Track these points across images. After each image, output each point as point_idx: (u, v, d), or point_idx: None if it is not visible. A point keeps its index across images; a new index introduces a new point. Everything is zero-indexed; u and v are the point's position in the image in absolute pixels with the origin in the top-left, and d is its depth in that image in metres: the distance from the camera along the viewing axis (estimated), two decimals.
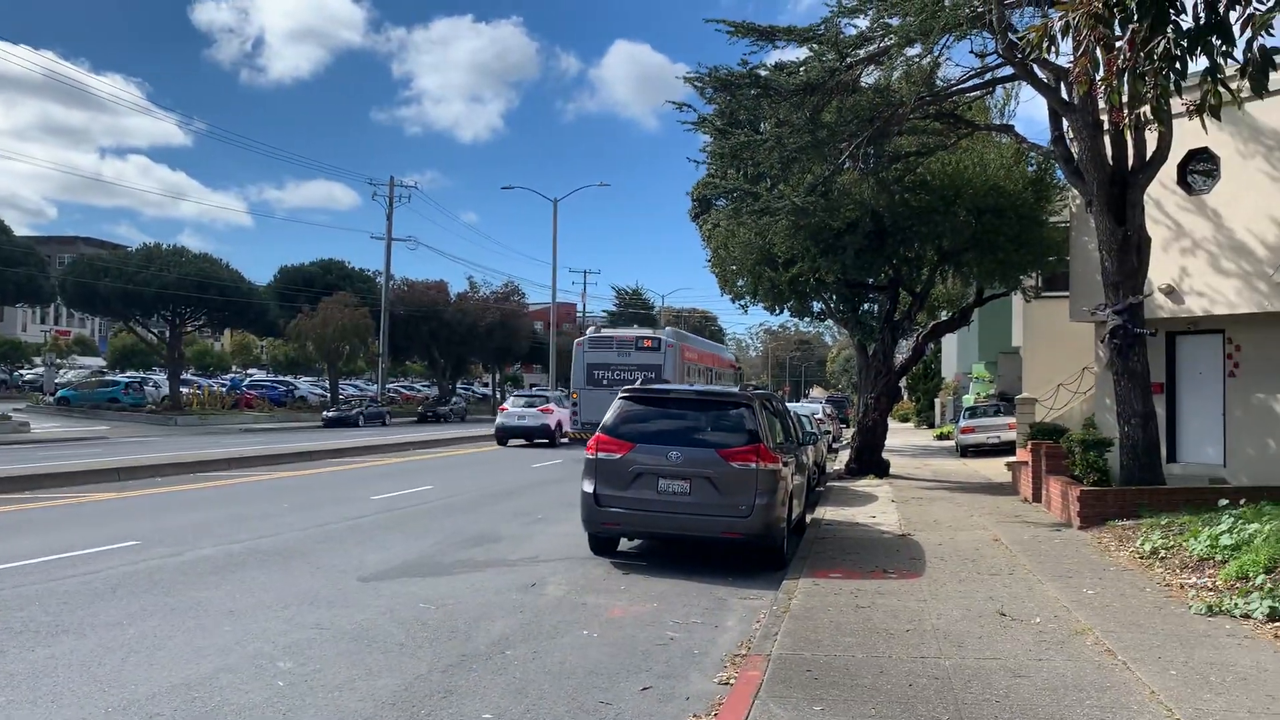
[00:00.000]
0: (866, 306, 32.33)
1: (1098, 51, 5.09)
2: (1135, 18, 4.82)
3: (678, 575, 9.94)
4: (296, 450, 26.44)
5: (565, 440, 32.64)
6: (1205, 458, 15.73)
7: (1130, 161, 13.53)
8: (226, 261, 50.33)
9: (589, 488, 10.37)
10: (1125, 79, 4.93)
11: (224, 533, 12.08)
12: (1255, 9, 4.68)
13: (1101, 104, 13.41)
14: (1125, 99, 5.00)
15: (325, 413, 47.65)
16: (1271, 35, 4.80)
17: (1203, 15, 4.73)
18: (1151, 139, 13.67)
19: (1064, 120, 14.17)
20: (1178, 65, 4.79)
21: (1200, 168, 15.04)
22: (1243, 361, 15.43)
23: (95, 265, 46.87)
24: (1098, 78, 5.19)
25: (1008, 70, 15.20)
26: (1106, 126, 13.37)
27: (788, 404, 20.12)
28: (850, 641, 6.96)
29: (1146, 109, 5.06)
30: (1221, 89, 4.89)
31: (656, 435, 10.37)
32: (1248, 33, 4.69)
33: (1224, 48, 4.72)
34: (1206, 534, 9.98)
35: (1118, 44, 4.98)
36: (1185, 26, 4.79)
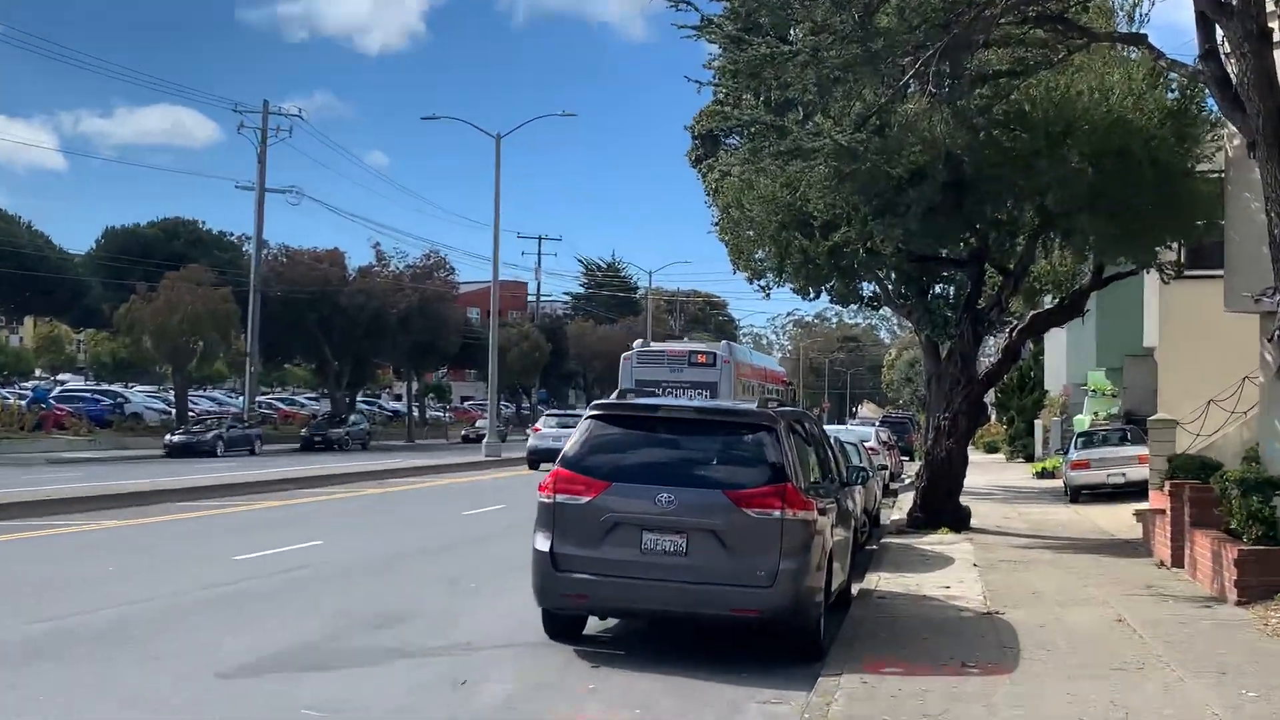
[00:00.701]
0: (939, 289, 32.56)
1: None
2: None
3: (669, 669, 9.94)
4: (126, 490, 26.27)
5: None
6: None
7: None
8: (28, 221, 50.49)
9: (543, 545, 10.37)
10: None
11: (21, 608, 11.97)
12: None
13: (1271, 4, 13.47)
14: None
15: (169, 436, 47.71)
16: None
17: None
18: None
19: (1218, 28, 14.24)
20: None
21: None
22: None
23: None
24: None
25: None
26: (1278, 36, 13.44)
27: (826, 427, 20.06)
28: None
29: None
30: None
31: (641, 470, 10.42)
32: None
33: None
34: None
35: None
36: None
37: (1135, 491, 27.12)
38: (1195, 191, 19.52)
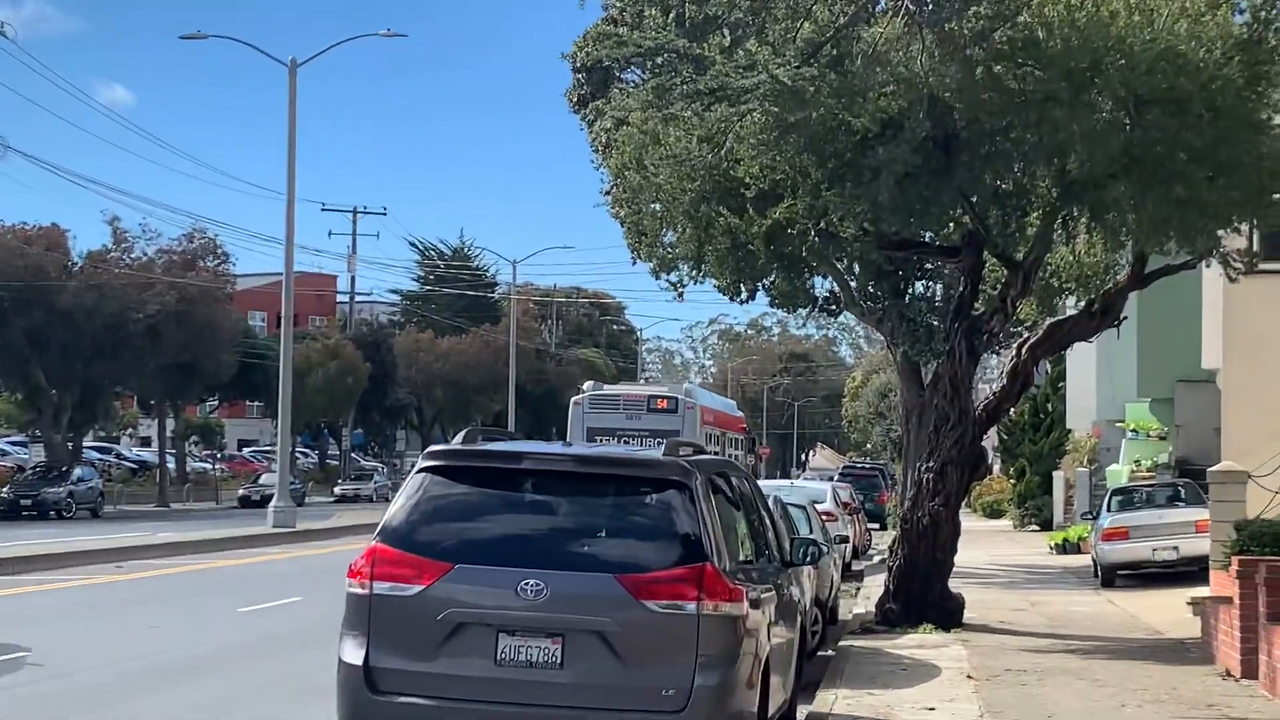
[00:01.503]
0: (920, 288, 32.74)
1: None
2: None
3: None
4: None
5: None
6: None
7: None
8: None
9: (355, 655, 10.28)
10: None
11: None
12: None
13: None
14: None
15: None
16: None
17: None
18: None
19: None
20: None
21: None
22: None
23: None
24: None
25: None
26: None
27: (763, 483, 20.10)
28: None
29: None
30: None
31: (497, 546, 10.44)
32: None
33: None
34: None
35: None
36: None
37: (1192, 572, 27.56)
38: (1274, 153, 19.88)
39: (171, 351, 65.12)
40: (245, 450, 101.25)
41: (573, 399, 45.09)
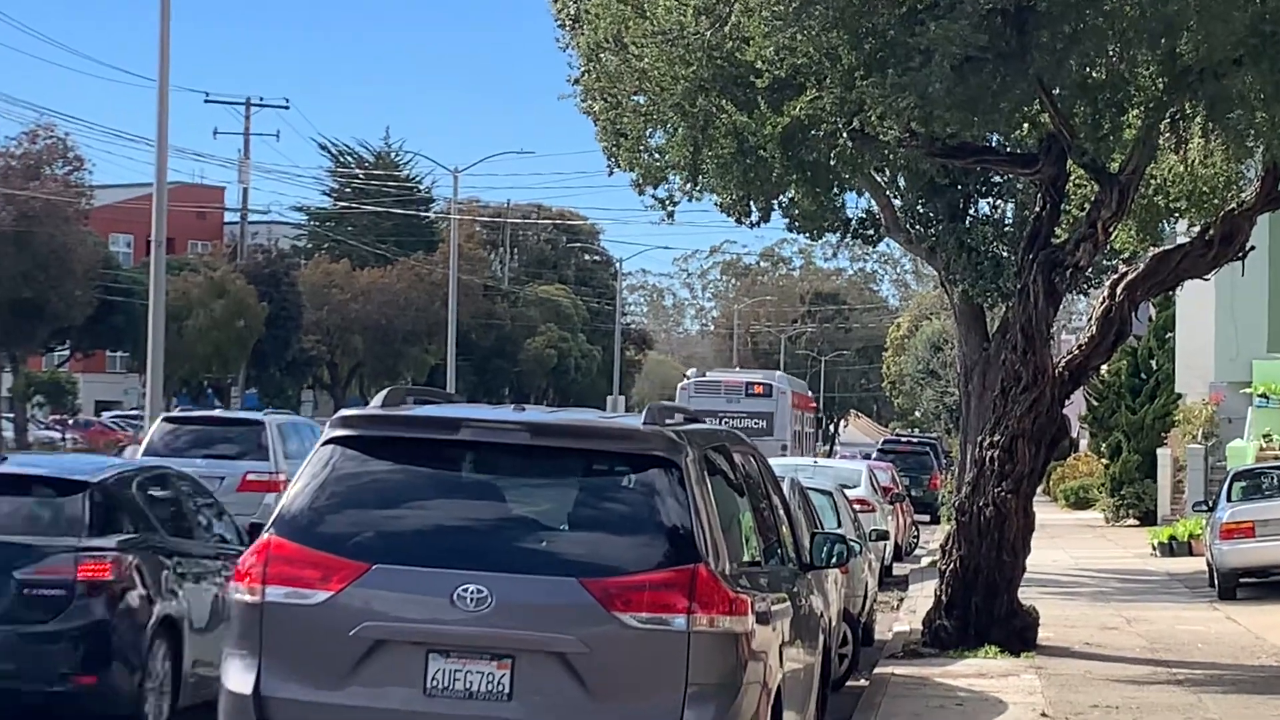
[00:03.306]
0: (985, 208, 32.70)
1: None
2: None
3: None
4: None
5: None
6: None
7: None
8: None
9: (241, 680, 10.31)
10: None
11: None
12: None
13: None
14: None
15: None
16: None
17: None
18: None
19: None
20: None
21: None
22: None
23: None
24: None
25: None
26: None
27: (776, 461, 20.15)
28: None
29: None
30: None
31: (427, 541, 10.45)
32: None
33: None
34: None
35: None
36: None
37: None
38: None
39: (8, 285, 65.09)
40: (105, 415, 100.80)
41: (679, 385, 63.72)
